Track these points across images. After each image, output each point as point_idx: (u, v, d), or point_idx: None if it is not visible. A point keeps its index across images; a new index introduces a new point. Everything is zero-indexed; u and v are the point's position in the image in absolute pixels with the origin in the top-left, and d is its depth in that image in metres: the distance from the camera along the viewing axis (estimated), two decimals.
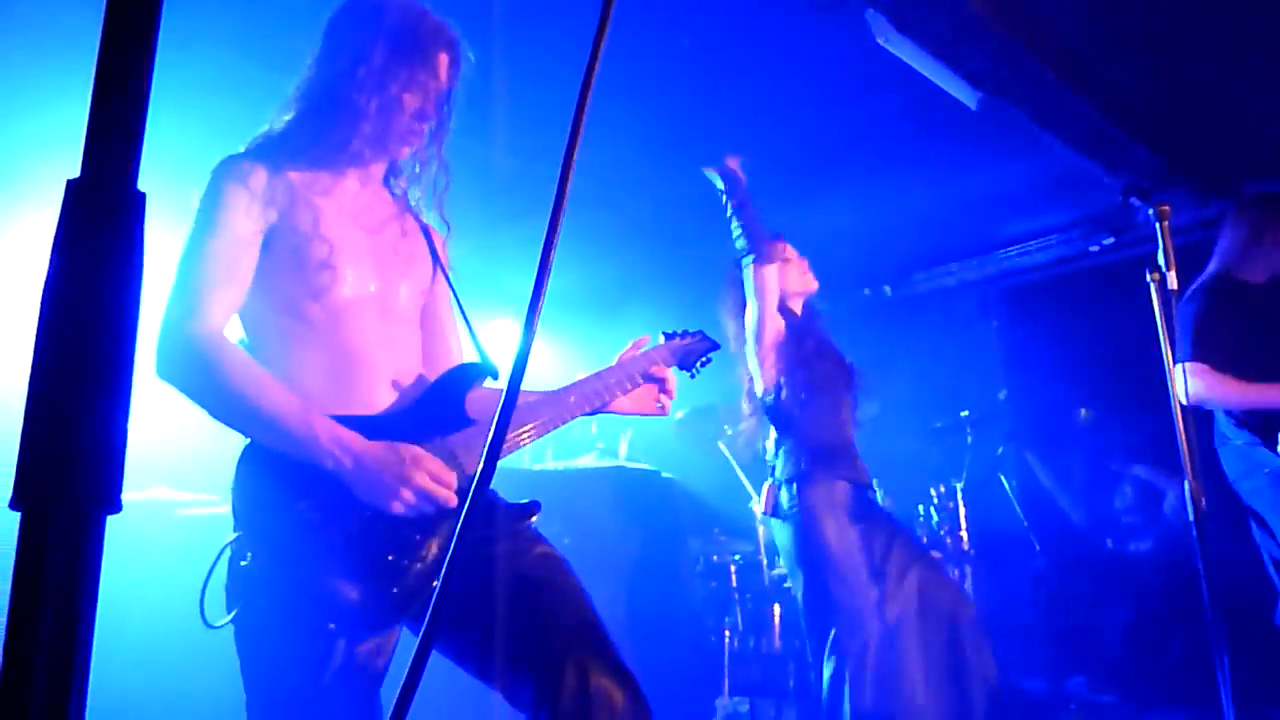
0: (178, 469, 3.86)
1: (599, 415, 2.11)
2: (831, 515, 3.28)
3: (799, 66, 3.96)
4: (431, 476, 1.66)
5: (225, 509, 1.69)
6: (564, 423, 1.96)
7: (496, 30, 3.17)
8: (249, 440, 1.69)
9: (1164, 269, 2.88)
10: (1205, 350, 3.42)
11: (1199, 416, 3.54)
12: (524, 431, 1.89)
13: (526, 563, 1.73)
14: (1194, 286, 3.60)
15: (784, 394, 3.48)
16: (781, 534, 3.42)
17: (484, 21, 3.12)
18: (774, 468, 3.52)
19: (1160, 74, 4.10)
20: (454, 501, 1.68)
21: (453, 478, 1.69)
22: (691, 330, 2.34)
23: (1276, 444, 3.43)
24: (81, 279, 0.56)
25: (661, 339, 2.27)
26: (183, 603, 1.99)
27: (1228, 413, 3.51)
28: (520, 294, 5.54)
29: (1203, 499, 2.78)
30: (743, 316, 3.60)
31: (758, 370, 3.52)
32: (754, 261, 3.48)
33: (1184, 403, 3.43)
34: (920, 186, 5.17)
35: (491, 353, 1.93)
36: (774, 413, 3.55)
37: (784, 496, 3.41)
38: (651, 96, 4.05)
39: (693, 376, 2.34)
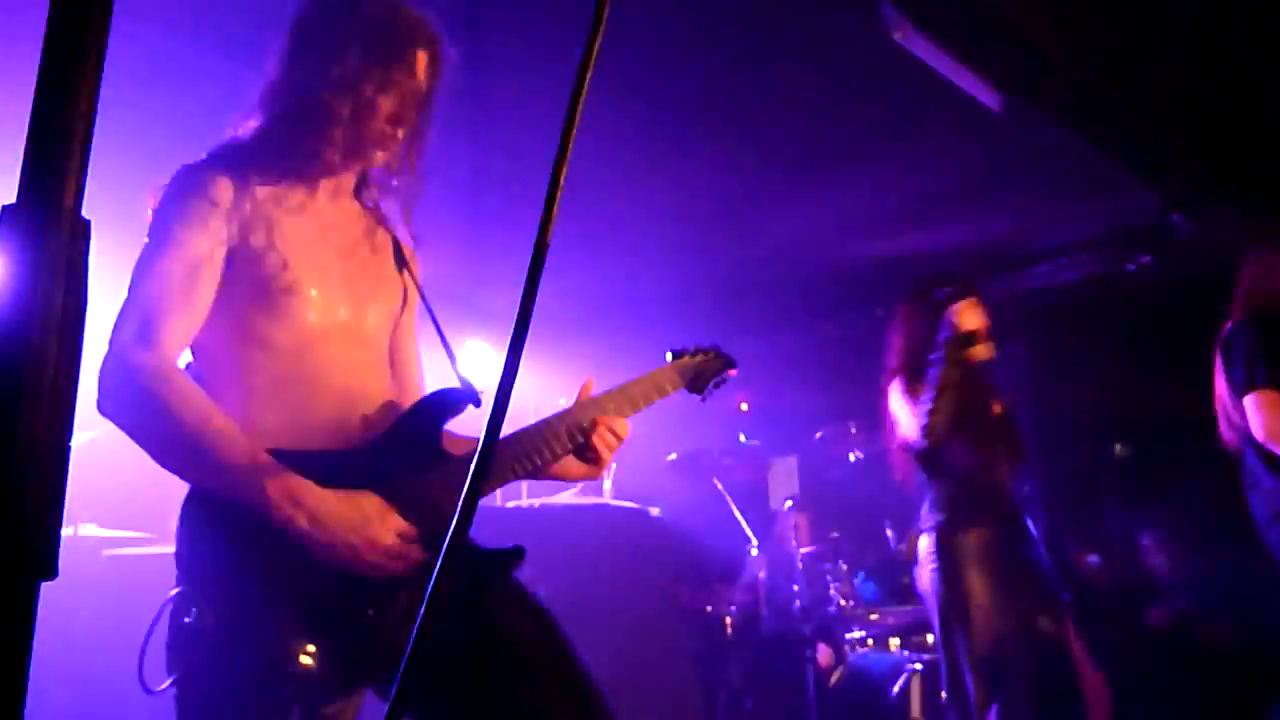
0: (108, 503, 3.82)
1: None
2: (975, 565, 3.44)
3: (807, 65, 3.99)
4: (399, 534, 1.64)
5: (158, 550, 1.68)
6: (554, 457, 1.91)
7: (466, 10, 3.17)
8: None
9: None
10: (1273, 377, 3.44)
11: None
12: (505, 472, 1.85)
13: (507, 616, 1.73)
14: (1237, 319, 3.62)
15: (934, 440, 3.60)
16: (923, 584, 3.61)
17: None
18: (919, 515, 3.69)
19: (1208, 74, 4.12)
20: (423, 559, 1.66)
21: (416, 535, 1.67)
22: (704, 346, 2.28)
23: None
24: (16, 320, 0.56)
25: (669, 357, 2.22)
26: (111, 657, 1.97)
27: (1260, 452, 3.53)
28: (492, 311, 5.57)
29: None
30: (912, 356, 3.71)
31: (908, 415, 3.63)
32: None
33: (1259, 439, 3.45)
34: (937, 196, 5.20)
35: (470, 378, 1.91)
36: (923, 459, 3.70)
37: (922, 545, 3.59)
38: (648, 94, 4.06)
39: (704, 400, 2.30)
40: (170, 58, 3.49)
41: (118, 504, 3.81)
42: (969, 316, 3.44)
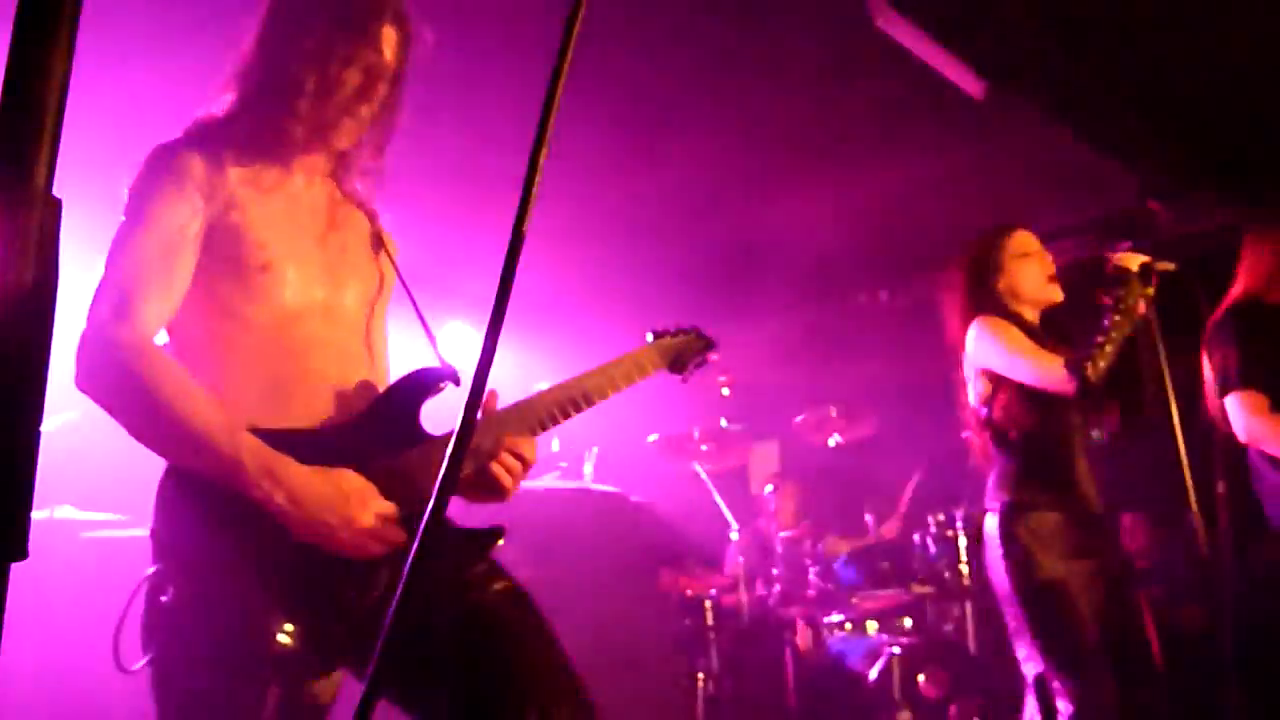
0: (85, 484, 3.80)
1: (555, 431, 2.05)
2: (1047, 549, 3.19)
3: (787, 49, 3.98)
4: (378, 513, 1.64)
5: (136, 532, 1.68)
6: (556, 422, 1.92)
7: None
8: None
9: None
10: (1252, 378, 3.43)
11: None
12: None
13: (485, 598, 1.73)
14: (1223, 310, 3.61)
15: (1003, 410, 3.36)
16: (993, 569, 3.33)
17: None
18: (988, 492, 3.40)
19: (1194, 61, 4.12)
20: (403, 540, 1.66)
21: (395, 515, 1.67)
22: (685, 327, 2.30)
23: None
24: None
25: (650, 338, 2.23)
26: (86, 640, 1.97)
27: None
28: (471, 294, 5.54)
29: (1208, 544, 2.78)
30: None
31: (976, 380, 3.41)
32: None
33: (1242, 441, 3.44)
34: (919, 182, 5.21)
35: (450, 357, 1.91)
36: (992, 430, 3.42)
37: (988, 526, 3.31)
38: (633, 80, 4.05)
39: (685, 381, 2.32)
40: (145, 37, 3.46)
41: (95, 486, 3.79)
42: (1133, 257, 3.22)
